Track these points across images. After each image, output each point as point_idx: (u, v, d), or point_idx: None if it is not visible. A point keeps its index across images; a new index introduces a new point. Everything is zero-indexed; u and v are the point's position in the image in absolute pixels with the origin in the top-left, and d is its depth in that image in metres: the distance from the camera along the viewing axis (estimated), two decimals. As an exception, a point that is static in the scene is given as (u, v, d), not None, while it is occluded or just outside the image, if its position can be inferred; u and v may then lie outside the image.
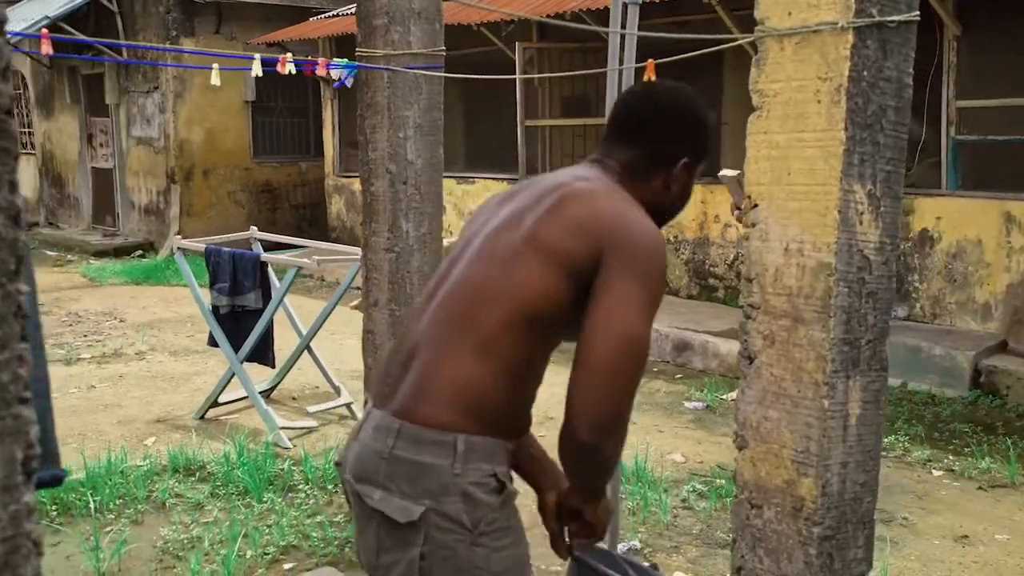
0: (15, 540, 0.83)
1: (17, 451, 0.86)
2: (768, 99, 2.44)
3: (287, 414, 5.66)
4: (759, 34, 2.44)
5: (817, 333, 2.38)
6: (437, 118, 3.97)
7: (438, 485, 1.67)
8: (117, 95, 13.17)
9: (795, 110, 2.38)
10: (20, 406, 0.89)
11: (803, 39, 2.35)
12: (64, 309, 8.89)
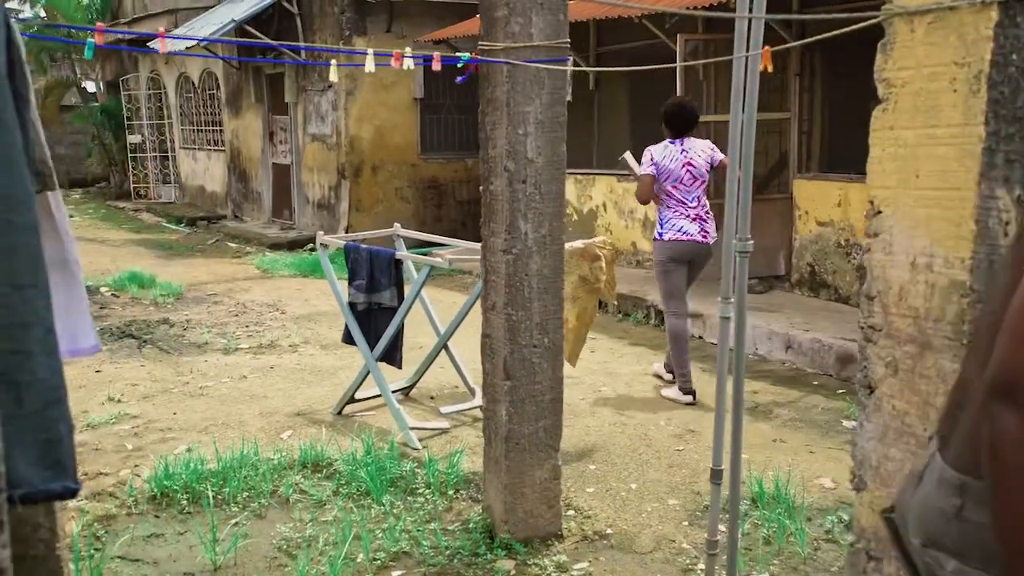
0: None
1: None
2: (895, 89, 2.11)
3: (422, 414, 5.62)
4: (885, 13, 2.12)
5: (947, 363, 2.05)
6: (560, 113, 3.78)
7: None
8: (295, 94, 13.67)
9: (926, 102, 2.05)
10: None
11: (937, 18, 2.01)
12: (233, 299, 9.27)
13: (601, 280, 5.09)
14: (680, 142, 5.94)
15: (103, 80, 22.20)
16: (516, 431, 3.83)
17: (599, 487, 4.53)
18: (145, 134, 19.39)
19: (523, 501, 3.87)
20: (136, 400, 5.86)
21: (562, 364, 3.92)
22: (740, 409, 3.12)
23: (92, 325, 2.66)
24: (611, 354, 7.16)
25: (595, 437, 5.22)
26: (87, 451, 4.97)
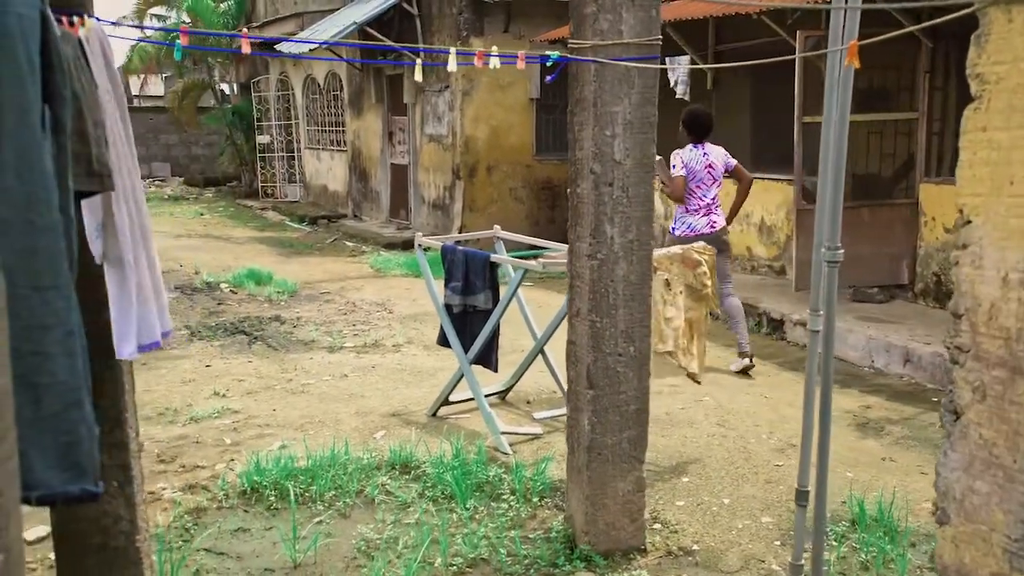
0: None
1: None
2: (989, 86, 1.92)
3: (516, 418, 5.55)
4: (979, 1, 1.92)
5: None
6: (650, 114, 3.65)
7: None
8: (414, 94, 13.83)
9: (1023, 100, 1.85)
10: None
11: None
12: (344, 298, 9.42)
13: (707, 286, 4.92)
14: (701, 146, 6.77)
15: (236, 82, 23.03)
16: (599, 441, 3.72)
17: (690, 500, 4.36)
18: (273, 134, 20.00)
19: (604, 513, 3.75)
20: (240, 395, 6.00)
21: (648, 374, 3.79)
22: (827, 427, 2.93)
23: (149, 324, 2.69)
24: (717, 362, 6.94)
25: (691, 448, 5.05)
26: (187, 444, 5.11)
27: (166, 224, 15.94)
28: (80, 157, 2.14)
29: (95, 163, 2.18)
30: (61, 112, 1.80)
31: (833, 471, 4.69)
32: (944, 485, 2.05)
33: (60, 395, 1.53)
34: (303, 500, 4.33)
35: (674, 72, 9.63)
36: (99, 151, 2.20)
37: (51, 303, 1.52)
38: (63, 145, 1.83)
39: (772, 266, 9.73)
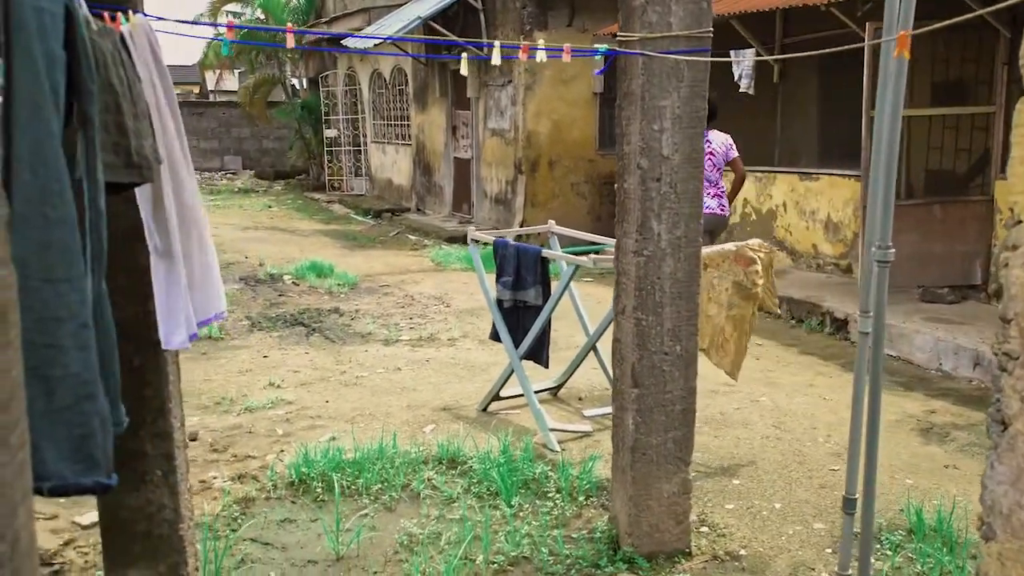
0: None
1: None
2: (1042, 79, 1.81)
3: (567, 415, 5.51)
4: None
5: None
6: (700, 108, 3.57)
7: None
8: (477, 88, 13.84)
9: (1078, 93, 1.75)
10: None
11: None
12: (403, 291, 9.46)
13: (758, 285, 4.80)
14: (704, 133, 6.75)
15: (306, 77, 23.33)
16: (643, 441, 3.66)
17: (739, 504, 4.27)
18: (340, 128, 20.22)
19: (648, 514, 3.69)
20: (294, 386, 6.06)
21: (695, 374, 3.71)
22: (876, 432, 2.83)
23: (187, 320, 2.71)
24: (776, 362, 6.80)
25: (744, 450, 4.94)
26: (241, 434, 5.17)
27: (235, 216, 16.23)
28: (119, 149, 2.16)
29: (134, 155, 2.19)
30: (88, 106, 1.81)
31: (892, 478, 4.57)
32: (990, 499, 1.96)
33: (73, 388, 1.53)
34: (349, 493, 4.35)
35: (738, 65, 9.46)
36: (138, 143, 2.22)
37: (64, 296, 1.52)
38: (91, 138, 1.84)
39: (838, 264, 9.51)
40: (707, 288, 4.72)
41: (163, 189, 2.58)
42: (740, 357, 4.86)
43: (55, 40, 1.61)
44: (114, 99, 2.12)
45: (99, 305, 1.93)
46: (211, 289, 2.94)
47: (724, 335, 4.79)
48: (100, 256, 1.92)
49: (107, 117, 2.10)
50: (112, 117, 2.12)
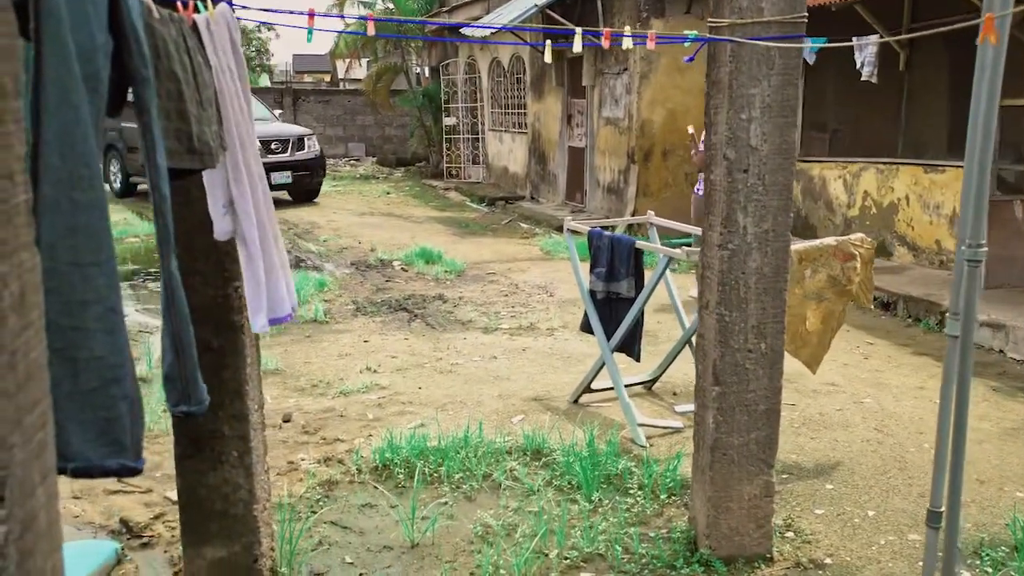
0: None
1: None
2: None
3: (659, 410, 5.40)
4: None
5: None
6: (792, 96, 3.42)
7: None
8: (592, 77, 13.72)
9: None
10: None
11: None
12: (509, 279, 9.47)
13: (854, 281, 4.60)
14: None
15: (428, 65, 23.63)
16: (724, 441, 3.54)
17: (830, 510, 4.09)
18: (459, 116, 20.39)
19: (728, 516, 3.57)
20: (390, 372, 6.13)
21: (781, 373, 3.57)
22: (962, 441, 2.65)
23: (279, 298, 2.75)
24: (887, 362, 6.51)
25: (841, 453, 4.74)
26: (333, 417, 5.27)
27: (353, 202, 16.57)
28: (181, 136, 2.20)
29: (195, 141, 2.23)
30: (142, 92, 1.84)
31: (1001, 489, 4.31)
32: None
33: (99, 371, 1.56)
34: (431, 480, 4.37)
35: (861, 52, 9.07)
36: (200, 129, 2.25)
37: (92, 280, 1.55)
38: (147, 124, 1.88)
39: (963, 261, 9.01)
40: (798, 280, 4.54)
41: (235, 175, 2.63)
42: (822, 351, 4.66)
43: (97, 27, 1.64)
44: (176, 87, 2.16)
45: (169, 287, 1.97)
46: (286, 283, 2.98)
47: (806, 326, 4.60)
48: (167, 240, 1.96)
49: (169, 104, 2.14)
50: (174, 104, 2.15)
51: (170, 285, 1.92)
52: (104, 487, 4.37)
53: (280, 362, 6.33)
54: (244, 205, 2.64)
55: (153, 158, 1.92)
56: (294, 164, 15.46)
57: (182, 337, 1.95)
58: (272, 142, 15.21)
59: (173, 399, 1.98)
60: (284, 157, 15.35)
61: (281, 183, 15.26)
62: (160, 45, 2.10)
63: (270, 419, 5.22)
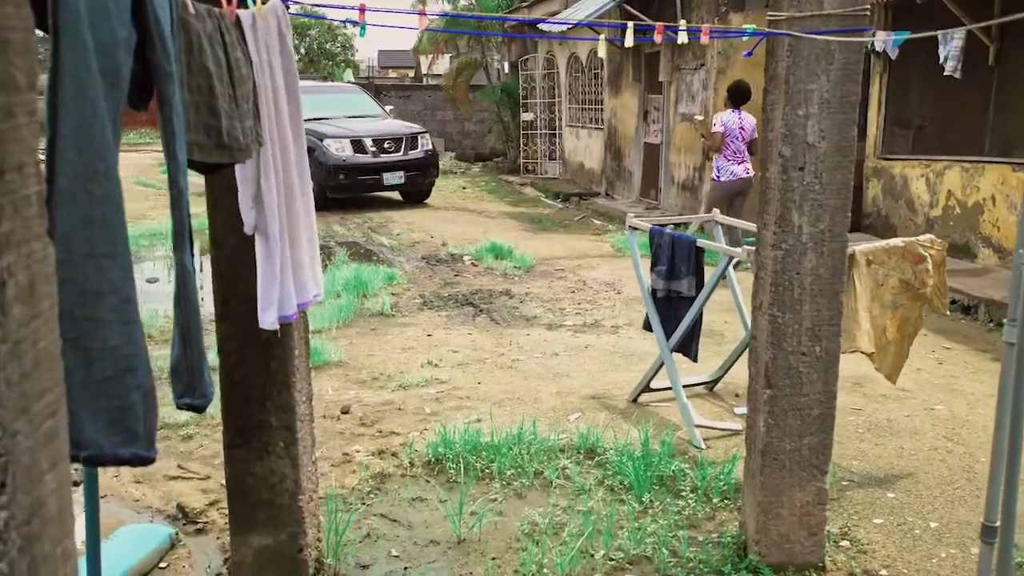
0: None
1: None
2: None
3: (719, 412, 5.30)
4: None
5: None
6: (852, 92, 3.31)
7: None
8: (669, 72, 13.56)
9: None
10: None
11: None
12: (577, 276, 9.42)
13: (928, 284, 4.43)
14: (738, 112, 9.34)
15: (507, 61, 23.66)
16: (775, 445, 3.45)
17: (890, 519, 3.96)
18: (537, 112, 20.37)
19: (778, 523, 3.48)
20: (450, 367, 6.15)
21: (836, 377, 3.46)
22: (1019, 451, 2.53)
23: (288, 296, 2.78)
24: (963, 368, 6.28)
25: (907, 461, 4.59)
26: (391, 410, 5.30)
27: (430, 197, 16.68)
28: (210, 130, 2.22)
29: (225, 136, 2.25)
30: (164, 86, 1.87)
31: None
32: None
33: (112, 360, 1.58)
34: (483, 476, 4.36)
35: (945, 46, 8.77)
36: (230, 124, 2.28)
37: (106, 271, 1.57)
38: (168, 118, 1.90)
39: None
40: (872, 286, 4.40)
41: (264, 171, 2.65)
42: (901, 360, 4.50)
43: (117, 21, 1.66)
44: (207, 81, 2.19)
45: (182, 280, 2.00)
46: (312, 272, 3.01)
47: (886, 336, 4.45)
48: (181, 233, 1.98)
49: (199, 98, 2.17)
50: (204, 99, 2.18)
51: (182, 278, 1.94)
52: (165, 473, 4.48)
53: (344, 354, 6.41)
54: (270, 201, 2.66)
55: (172, 152, 1.94)
56: (406, 164, 14.71)
57: (191, 330, 1.97)
58: (384, 140, 14.67)
59: (178, 391, 2.01)
60: (396, 156, 14.66)
61: (393, 183, 14.71)
62: (194, 40, 2.13)
63: (330, 410, 5.29)
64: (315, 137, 13.69)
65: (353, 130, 14.59)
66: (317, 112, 14.47)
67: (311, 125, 13.60)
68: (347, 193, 14.29)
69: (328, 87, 18.83)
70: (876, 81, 11.10)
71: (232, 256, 3.20)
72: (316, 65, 38.53)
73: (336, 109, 15.46)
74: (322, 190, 13.41)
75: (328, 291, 8.19)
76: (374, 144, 14.43)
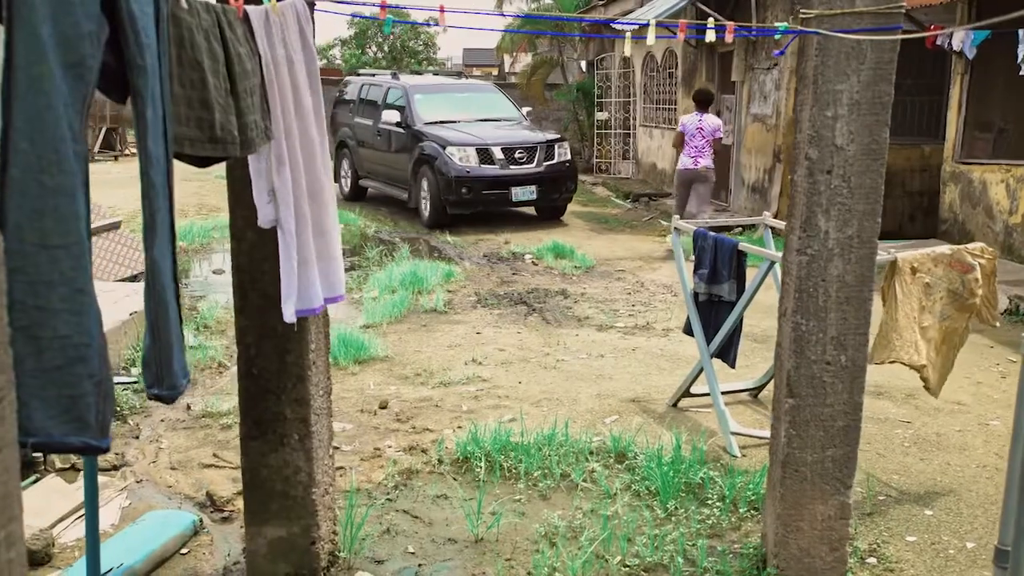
0: None
1: None
2: None
3: (759, 419, 5.18)
4: None
5: None
6: (885, 92, 3.21)
7: None
8: (742, 72, 13.32)
9: None
10: None
11: None
12: (636, 277, 9.32)
13: (977, 295, 4.26)
14: (700, 114, 10.78)
15: (585, 60, 23.55)
16: (796, 457, 3.35)
17: (924, 537, 3.82)
18: (612, 111, 20.23)
19: (798, 536, 3.38)
20: (494, 365, 6.14)
21: (862, 388, 3.34)
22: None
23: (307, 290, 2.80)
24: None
25: (950, 478, 4.42)
26: (428, 407, 5.32)
27: (499, 195, 16.70)
28: (202, 124, 2.25)
29: (218, 130, 2.27)
30: (136, 80, 1.89)
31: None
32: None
33: (63, 349, 1.61)
34: (509, 476, 4.35)
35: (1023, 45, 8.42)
36: (225, 118, 2.30)
37: (58, 261, 1.59)
38: (140, 111, 1.92)
39: None
40: (918, 296, 4.24)
41: (279, 165, 2.67)
42: (946, 372, 4.34)
43: (83, 14, 1.68)
44: (200, 75, 2.21)
45: (152, 272, 2.02)
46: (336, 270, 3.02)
47: (935, 348, 4.29)
48: (152, 227, 2.01)
49: (191, 92, 2.19)
50: (196, 93, 2.20)
51: (151, 271, 1.96)
52: (200, 461, 4.57)
53: (391, 349, 6.45)
54: (284, 195, 2.68)
55: (144, 144, 1.96)
56: (539, 176, 12.72)
57: (159, 323, 1.99)
58: (516, 150, 12.73)
59: (148, 381, 2.03)
60: (529, 168, 12.70)
61: (523, 199, 12.72)
62: (185, 34, 2.16)
63: (368, 405, 5.33)
64: (437, 144, 12.53)
65: (481, 137, 12.73)
66: (445, 113, 13.65)
67: (433, 130, 12.95)
68: (469, 209, 12.52)
69: (460, 84, 16.82)
70: (956, 82, 10.72)
71: (251, 250, 3.24)
72: (400, 63, 38.93)
73: (467, 110, 14.06)
74: (441, 204, 12.33)
75: (384, 287, 8.27)
76: (503, 153, 12.60)
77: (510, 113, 14.49)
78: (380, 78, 15.73)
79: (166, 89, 2.03)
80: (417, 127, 13.16)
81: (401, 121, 13.40)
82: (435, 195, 12.33)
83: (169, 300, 2.04)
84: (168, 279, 2.04)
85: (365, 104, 14.99)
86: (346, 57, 38.24)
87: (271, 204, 2.72)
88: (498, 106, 14.67)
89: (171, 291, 2.06)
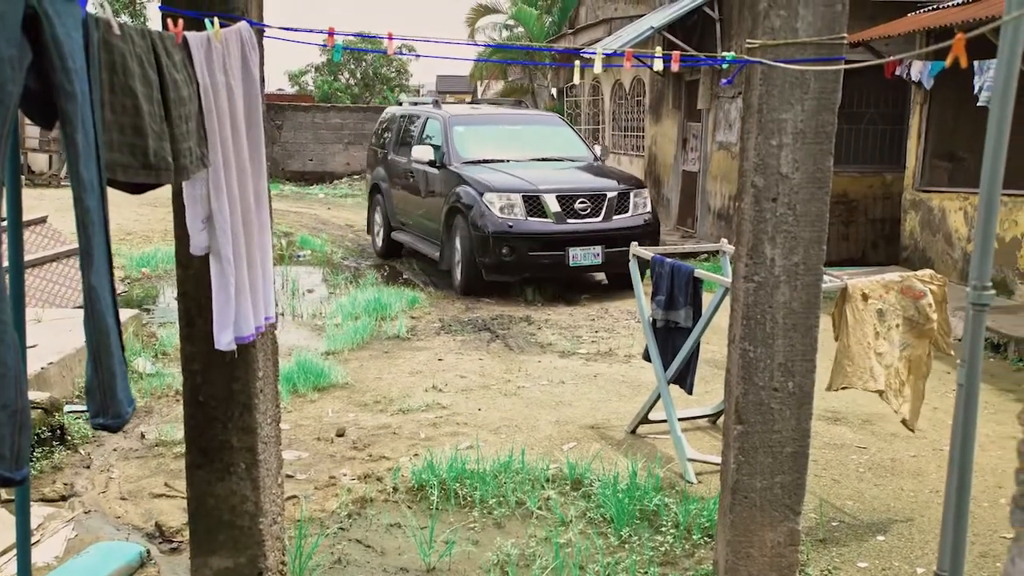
0: None
1: None
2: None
3: (718, 446, 5.17)
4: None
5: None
6: (828, 122, 3.23)
7: None
8: (708, 100, 13.46)
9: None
10: None
11: None
12: (600, 303, 9.32)
13: (932, 320, 4.30)
14: None
15: (555, 87, 23.73)
16: (745, 483, 3.35)
17: (875, 563, 3.83)
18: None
19: (748, 563, 3.38)
20: (454, 392, 6.11)
21: (810, 415, 3.35)
22: (966, 498, 2.42)
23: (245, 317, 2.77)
24: (982, 409, 5.94)
25: (904, 503, 4.43)
26: (386, 434, 5.28)
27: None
28: (135, 150, 2.23)
29: (151, 156, 2.26)
30: (65, 105, 1.88)
31: None
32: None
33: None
34: (464, 504, 4.31)
35: (980, 76, 8.57)
36: (159, 145, 2.28)
37: (-27, 291, 1.57)
38: (70, 137, 1.90)
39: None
40: (875, 323, 4.27)
41: (216, 192, 2.66)
42: (918, 402, 4.37)
43: (2, 39, 1.67)
44: (133, 102, 2.19)
45: (89, 298, 2.00)
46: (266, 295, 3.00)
47: (900, 378, 4.31)
48: (88, 252, 1.99)
49: (123, 119, 2.18)
50: (129, 119, 2.19)
51: (90, 299, 1.94)
52: (151, 491, 4.51)
53: (351, 376, 6.41)
54: (221, 223, 2.66)
55: (76, 170, 1.95)
56: (608, 235, 9.47)
57: (101, 351, 1.97)
58: (576, 199, 9.58)
59: (92, 411, 2.00)
60: (594, 223, 9.56)
61: (586, 264, 9.44)
62: (117, 60, 2.14)
63: (326, 433, 5.29)
64: (474, 189, 9.55)
65: (531, 181, 9.63)
66: (491, 150, 10.66)
67: (472, 171, 9.91)
68: (512, 275, 9.54)
69: (514, 115, 12.64)
70: (916, 112, 10.89)
71: (197, 276, 3.21)
72: (371, 89, 39.00)
73: (520, 147, 11.00)
74: (476, 268, 9.43)
75: (347, 313, 8.23)
76: (559, 203, 9.47)
77: (577, 151, 11.31)
78: (420, 107, 12.32)
79: (97, 115, 2.02)
80: (453, 166, 10.20)
81: (435, 159, 10.43)
82: (467, 255, 9.47)
83: (110, 327, 2.01)
84: (107, 305, 2.01)
85: (401, 139, 12.00)
86: (319, 83, 38.25)
87: (204, 231, 2.70)
88: (562, 143, 11.47)
89: (111, 317, 2.03)
